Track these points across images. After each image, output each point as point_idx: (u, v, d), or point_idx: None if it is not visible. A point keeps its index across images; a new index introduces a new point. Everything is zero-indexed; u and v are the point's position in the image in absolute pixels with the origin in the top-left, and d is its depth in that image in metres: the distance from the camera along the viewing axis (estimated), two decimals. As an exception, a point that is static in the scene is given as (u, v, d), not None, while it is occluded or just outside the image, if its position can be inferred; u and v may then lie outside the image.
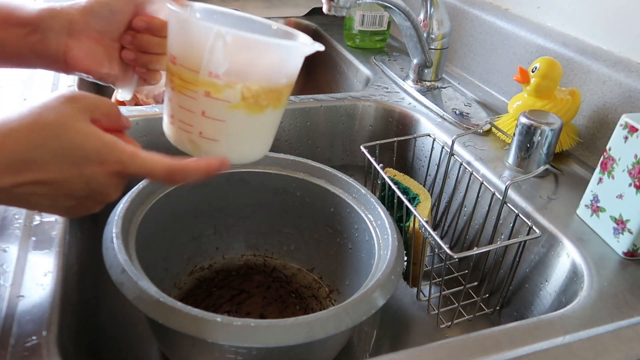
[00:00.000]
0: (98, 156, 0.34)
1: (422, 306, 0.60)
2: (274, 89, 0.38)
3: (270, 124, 0.41)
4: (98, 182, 0.34)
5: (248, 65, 0.36)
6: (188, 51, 0.37)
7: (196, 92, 0.37)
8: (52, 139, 0.33)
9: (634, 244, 0.49)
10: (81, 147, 0.33)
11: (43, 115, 0.33)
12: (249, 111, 0.38)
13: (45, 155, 0.32)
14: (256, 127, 0.40)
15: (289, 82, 0.39)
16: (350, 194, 0.56)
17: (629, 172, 0.49)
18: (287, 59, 0.38)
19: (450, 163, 0.65)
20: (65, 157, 0.33)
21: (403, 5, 0.71)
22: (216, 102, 0.37)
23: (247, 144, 0.40)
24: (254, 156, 0.42)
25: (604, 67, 0.63)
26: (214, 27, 0.35)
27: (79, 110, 0.34)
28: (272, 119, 0.40)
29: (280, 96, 0.39)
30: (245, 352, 0.40)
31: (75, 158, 0.33)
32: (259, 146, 0.42)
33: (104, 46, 0.43)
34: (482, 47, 0.84)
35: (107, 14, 0.42)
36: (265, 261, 0.63)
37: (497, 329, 0.41)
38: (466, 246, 0.64)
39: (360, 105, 0.78)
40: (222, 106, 0.37)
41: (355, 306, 0.41)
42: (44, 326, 0.38)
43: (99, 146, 0.34)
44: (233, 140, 0.39)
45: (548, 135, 0.59)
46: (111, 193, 0.36)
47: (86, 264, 0.52)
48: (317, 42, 0.38)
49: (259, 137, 0.41)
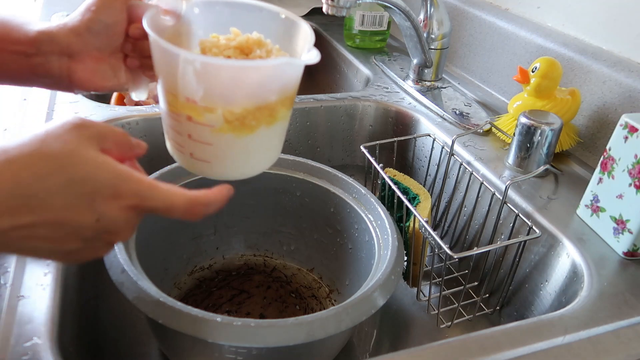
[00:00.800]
0: (112, 188, 0.30)
1: (422, 306, 0.60)
2: (263, 106, 0.35)
3: (267, 141, 0.38)
4: (110, 219, 0.30)
5: (227, 88, 0.34)
6: (164, 74, 0.35)
7: (179, 115, 0.35)
8: (57, 171, 0.28)
9: (634, 244, 0.49)
10: (92, 178, 0.29)
11: (47, 143, 0.29)
12: (236, 133, 0.35)
13: (49, 188, 0.28)
14: (250, 147, 0.37)
15: (283, 96, 0.36)
16: (350, 194, 0.56)
17: (629, 172, 0.49)
18: (272, 77, 0.35)
19: (450, 163, 0.65)
20: (73, 190, 0.29)
21: (403, 5, 0.71)
22: (199, 126, 0.35)
23: (243, 163, 0.38)
24: (256, 172, 0.39)
25: (604, 67, 0.63)
26: (180, 53, 0.32)
27: (88, 138, 0.30)
28: (268, 136, 0.37)
29: (273, 112, 0.36)
30: (245, 352, 0.40)
31: (85, 190, 0.29)
32: (261, 162, 0.39)
33: (107, 61, 0.42)
34: (482, 47, 0.84)
35: (102, 29, 0.40)
36: (265, 261, 0.63)
37: (497, 329, 0.41)
38: (466, 246, 0.64)
39: (360, 105, 0.78)
40: (206, 130, 0.35)
41: (355, 306, 0.41)
42: (44, 326, 0.38)
43: (113, 177, 0.30)
44: (227, 162, 0.37)
45: (548, 135, 0.59)
46: (124, 232, 0.32)
47: (86, 264, 0.52)
48: (312, 50, 0.35)
49: (257, 155, 0.38)
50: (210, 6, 0.40)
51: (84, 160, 0.29)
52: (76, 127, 0.30)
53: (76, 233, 0.30)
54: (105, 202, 0.30)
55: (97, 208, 0.29)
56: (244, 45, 0.37)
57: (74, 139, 0.30)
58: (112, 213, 0.30)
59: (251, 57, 0.37)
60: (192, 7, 0.39)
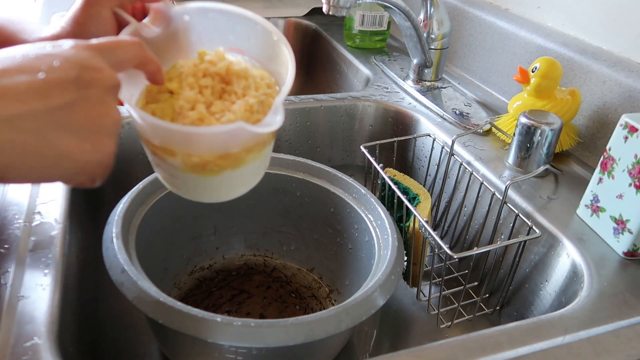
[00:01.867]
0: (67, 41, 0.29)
1: (422, 306, 0.60)
2: (225, 155, 0.33)
3: (237, 179, 0.36)
4: (73, 53, 0.28)
5: (180, 144, 0.33)
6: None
7: (146, 146, 0.35)
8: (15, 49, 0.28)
9: (634, 244, 0.49)
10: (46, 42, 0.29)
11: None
12: (200, 175, 0.34)
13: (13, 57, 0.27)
14: (219, 185, 0.35)
15: (248, 146, 0.34)
16: (350, 194, 0.56)
17: (629, 172, 0.49)
18: (228, 138, 0.33)
19: (450, 163, 0.65)
20: (33, 48, 0.28)
21: (403, 5, 0.71)
22: (163, 162, 0.34)
23: (213, 194, 0.37)
24: (231, 197, 0.38)
25: (604, 67, 0.63)
26: (130, 111, 0.31)
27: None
28: (236, 176, 0.35)
29: (238, 159, 0.34)
30: (245, 352, 0.40)
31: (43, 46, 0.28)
32: (235, 192, 0.38)
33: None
34: (482, 47, 0.84)
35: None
36: (265, 261, 0.63)
37: (497, 329, 0.41)
38: (466, 246, 0.64)
39: (360, 105, 0.78)
40: (170, 167, 0.34)
41: (355, 306, 0.41)
42: (44, 326, 0.38)
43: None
44: (197, 192, 0.36)
45: (548, 135, 0.59)
46: (100, 69, 0.29)
47: (86, 264, 0.52)
48: (277, 114, 0.32)
49: (228, 189, 0.37)
50: (203, 13, 0.38)
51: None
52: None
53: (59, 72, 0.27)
54: (65, 44, 0.29)
55: (57, 51, 0.28)
56: (223, 74, 0.35)
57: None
58: (72, 50, 0.28)
59: (227, 92, 0.35)
60: (182, 14, 0.38)
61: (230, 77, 0.36)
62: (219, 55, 0.36)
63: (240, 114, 0.34)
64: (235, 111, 0.34)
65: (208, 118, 0.33)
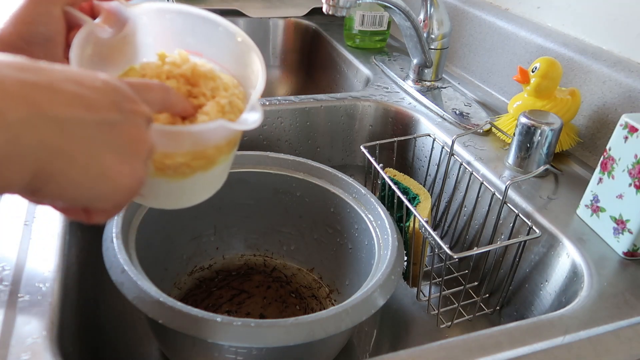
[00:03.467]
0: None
1: (422, 306, 0.60)
2: (199, 155, 0.33)
3: (206, 182, 0.36)
4: (115, 83, 0.28)
5: (165, 141, 0.32)
6: None
7: None
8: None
9: (634, 244, 0.49)
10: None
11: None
12: (170, 179, 0.33)
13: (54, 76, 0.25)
14: (189, 188, 0.35)
15: (221, 146, 0.33)
16: (350, 194, 0.56)
17: (629, 172, 0.49)
18: (203, 137, 0.32)
19: (450, 163, 0.65)
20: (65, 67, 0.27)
21: (403, 5, 0.71)
22: None
23: (182, 198, 0.36)
24: (194, 202, 0.37)
25: (604, 67, 0.63)
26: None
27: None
28: (207, 178, 0.35)
29: (210, 160, 0.34)
30: (245, 352, 0.40)
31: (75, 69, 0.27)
32: (198, 197, 0.37)
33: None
34: (482, 47, 0.84)
35: (41, 41, 0.36)
36: (265, 261, 0.63)
37: (497, 329, 0.41)
38: (466, 246, 0.64)
39: (360, 105, 0.78)
40: None
41: (355, 306, 0.41)
42: (44, 326, 0.38)
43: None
44: (162, 198, 0.36)
45: (548, 135, 0.59)
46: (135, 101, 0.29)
47: (86, 264, 0.52)
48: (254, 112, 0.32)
49: (197, 192, 0.37)
50: (160, 14, 0.37)
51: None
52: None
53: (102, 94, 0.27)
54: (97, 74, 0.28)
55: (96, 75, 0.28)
56: (189, 75, 0.35)
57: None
58: (108, 79, 0.28)
59: (196, 92, 0.34)
60: (140, 15, 0.36)
61: (197, 79, 0.35)
62: (182, 56, 0.35)
63: (213, 114, 0.33)
64: (208, 112, 0.33)
65: (178, 121, 0.33)
